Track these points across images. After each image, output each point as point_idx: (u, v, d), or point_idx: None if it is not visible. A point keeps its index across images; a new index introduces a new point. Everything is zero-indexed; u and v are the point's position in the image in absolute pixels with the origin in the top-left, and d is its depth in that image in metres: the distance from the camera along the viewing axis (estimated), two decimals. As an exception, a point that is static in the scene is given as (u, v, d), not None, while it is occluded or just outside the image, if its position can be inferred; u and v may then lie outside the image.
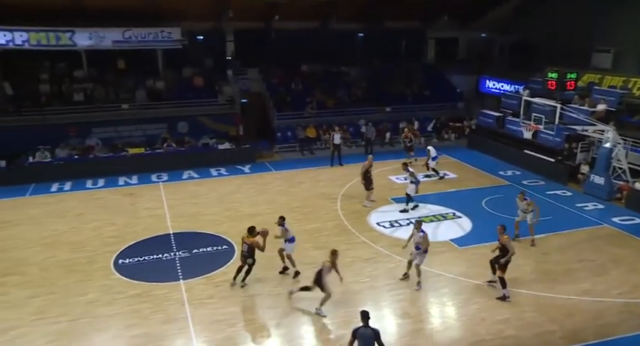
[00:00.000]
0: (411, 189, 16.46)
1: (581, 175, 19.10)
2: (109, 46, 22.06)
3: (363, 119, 25.27)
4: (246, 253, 11.66)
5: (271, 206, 17.04)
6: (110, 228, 15.33)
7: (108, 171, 20.14)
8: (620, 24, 23.57)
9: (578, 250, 13.68)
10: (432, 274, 12.49)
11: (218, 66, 26.22)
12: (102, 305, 11.12)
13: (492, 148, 23.32)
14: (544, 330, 10.28)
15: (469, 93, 29.24)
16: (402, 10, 26.95)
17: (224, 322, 10.59)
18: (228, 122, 23.78)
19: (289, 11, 24.63)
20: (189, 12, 23.89)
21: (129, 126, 22.52)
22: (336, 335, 10.23)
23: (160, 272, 12.58)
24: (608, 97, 20.40)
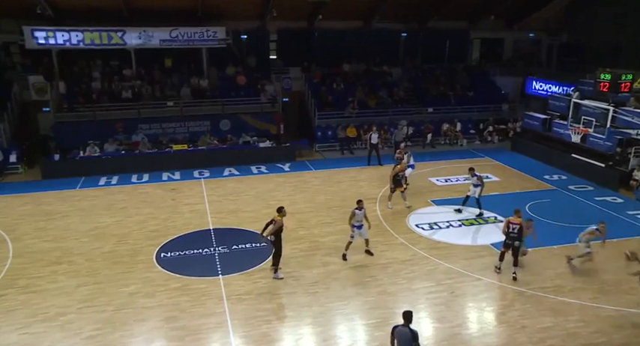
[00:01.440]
0: (474, 191, 15.87)
1: (634, 181, 18.23)
2: (157, 45, 22.84)
3: (405, 120, 25.04)
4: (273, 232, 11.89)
5: (310, 204, 17.11)
6: (153, 221, 15.77)
7: (152, 167, 20.72)
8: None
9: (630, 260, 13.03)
10: (471, 278, 12.23)
11: (261, 65, 26.55)
12: (143, 297, 11.45)
13: (538, 152, 22.58)
14: (590, 342, 9.87)
15: (514, 94, 28.48)
16: (447, 9, 26.55)
17: (261, 318, 10.70)
18: (270, 120, 24.04)
19: (333, 11, 24.69)
20: (234, 11, 24.36)
21: (173, 123, 23.13)
22: (371, 336, 10.16)
23: (199, 266, 12.84)
24: (665, 100, 19.41)
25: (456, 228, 15.22)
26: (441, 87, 27.46)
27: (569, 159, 20.72)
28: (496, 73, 29.06)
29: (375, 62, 27.95)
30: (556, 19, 29.05)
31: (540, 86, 26.84)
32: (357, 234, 13.10)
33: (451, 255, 13.38)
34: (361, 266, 12.84)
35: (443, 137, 25.40)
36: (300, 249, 13.81)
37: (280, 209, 12.04)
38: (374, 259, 13.19)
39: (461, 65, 29.35)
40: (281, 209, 12.04)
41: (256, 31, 26.58)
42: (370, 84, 26.91)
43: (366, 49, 27.48)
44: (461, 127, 25.62)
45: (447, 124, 25.56)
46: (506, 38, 30.73)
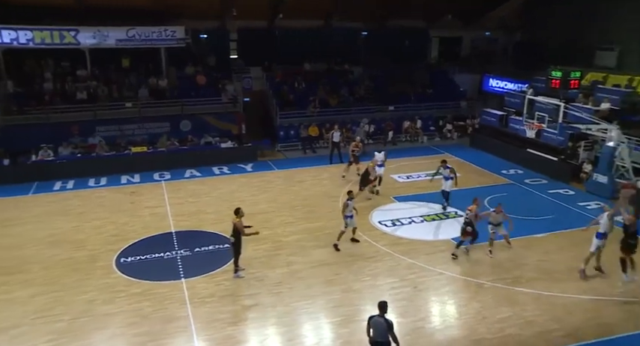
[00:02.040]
0: (447, 185, 16.37)
1: (584, 174, 19.02)
2: (113, 45, 22.19)
3: (366, 118, 25.30)
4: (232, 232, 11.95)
5: (272, 204, 17.07)
6: (112, 226, 15.37)
7: (110, 170, 20.19)
8: (624, 22, 23.50)
9: (580, 249, 13.51)
10: (433, 273, 12.48)
11: (221, 64, 26.25)
12: (103, 304, 11.16)
13: (495, 147, 23.25)
14: (545, 329, 10.25)
15: (472, 92, 29.20)
16: (406, 8, 26.93)
17: (224, 320, 10.61)
18: (231, 120, 23.82)
19: (293, 10, 24.66)
20: (193, 11, 23.98)
21: (132, 124, 22.57)
22: (337, 334, 10.23)
23: (161, 270, 12.61)
24: (611, 96, 20.35)
25: (418, 223, 15.49)
26: (401, 85, 27.84)
27: (525, 153, 21.44)
28: (454, 71, 29.73)
29: (336, 61, 28.10)
30: (511, 18, 29.93)
31: (497, 83, 27.64)
32: (349, 224, 13.69)
33: (413, 251, 13.62)
34: (325, 265, 12.90)
35: (404, 134, 25.83)
36: (264, 249, 13.76)
37: (237, 210, 12.03)
38: (338, 257, 13.29)
39: (420, 63, 29.85)
40: (238, 210, 12.03)
41: (216, 30, 26.28)
42: (331, 83, 27.04)
43: (327, 48, 27.59)
44: (421, 124, 26.08)
45: (407, 122, 25.99)
46: (464, 37, 31.45)
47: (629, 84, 21.20)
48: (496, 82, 27.65)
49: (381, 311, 8.29)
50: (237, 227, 11.87)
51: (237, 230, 11.89)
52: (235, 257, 12.25)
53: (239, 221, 11.89)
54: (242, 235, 11.93)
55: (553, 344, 9.82)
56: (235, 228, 11.90)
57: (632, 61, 23.28)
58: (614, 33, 24.03)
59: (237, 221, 11.89)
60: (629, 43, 23.51)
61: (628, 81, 21.31)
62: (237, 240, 12.00)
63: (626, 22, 23.44)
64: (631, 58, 23.42)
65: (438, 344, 9.96)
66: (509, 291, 11.62)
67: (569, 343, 9.82)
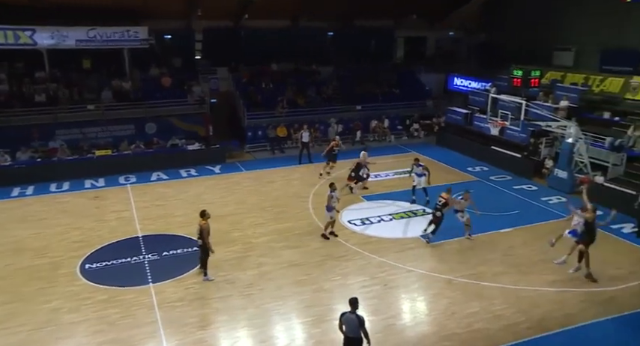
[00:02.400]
0: (419, 181, 16.85)
1: (546, 170, 19.60)
2: (73, 46, 21.50)
3: (334, 118, 25.39)
4: (198, 234, 11.88)
5: (242, 206, 16.93)
6: (75, 232, 14.92)
7: (73, 174, 19.60)
8: (579, 24, 24.36)
9: (544, 243, 13.98)
10: (402, 270, 12.62)
11: (187, 65, 25.86)
12: (67, 313, 10.82)
13: (461, 145, 23.71)
14: (512, 322, 10.51)
15: (437, 91, 29.69)
16: (372, 9, 27.16)
17: (195, 324, 10.46)
18: (198, 122, 23.50)
19: (259, 10, 24.52)
20: (156, 10, 23.51)
21: (95, 127, 21.97)
22: (309, 334, 10.23)
23: (128, 276, 12.32)
24: (569, 94, 21.04)
25: (387, 222, 15.64)
26: (368, 84, 28.07)
27: (489, 151, 21.94)
28: (420, 71, 30.14)
29: (303, 61, 28.09)
30: (472, 20, 30.59)
31: (461, 82, 28.19)
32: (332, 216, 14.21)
33: (383, 249, 13.74)
34: (295, 265, 12.88)
35: (371, 134, 26.03)
36: (234, 251, 13.63)
37: (203, 213, 11.92)
38: (308, 257, 13.28)
39: (387, 63, 30.16)
40: (204, 213, 11.93)
41: (181, 30, 25.84)
42: (299, 83, 27.02)
43: (294, 48, 27.54)
44: (388, 124, 26.35)
45: (375, 121, 26.22)
46: (428, 37, 31.93)
47: (585, 82, 21.98)
48: (460, 81, 28.20)
49: (352, 307, 8.37)
50: (203, 230, 11.72)
51: (201, 232, 11.77)
52: (203, 260, 12.12)
53: (205, 223, 11.78)
54: (205, 239, 11.79)
55: (520, 336, 10.07)
56: (201, 230, 11.76)
57: (587, 60, 24.16)
58: (570, 34, 24.89)
59: (203, 223, 11.77)
60: (584, 44, 24.38)
61: (584, 79, 22.09)
62: (205, 242, 11.86)
63: (581, 23, 24.32)
64: (586, 57, 24.29)
65: (408, 340, 10.07)
66: (477, 286, 11.87)
67: (535, 334, 10.10)
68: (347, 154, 22.87)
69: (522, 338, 9.99)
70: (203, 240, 11.82)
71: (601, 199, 16.77)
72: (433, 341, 10.00)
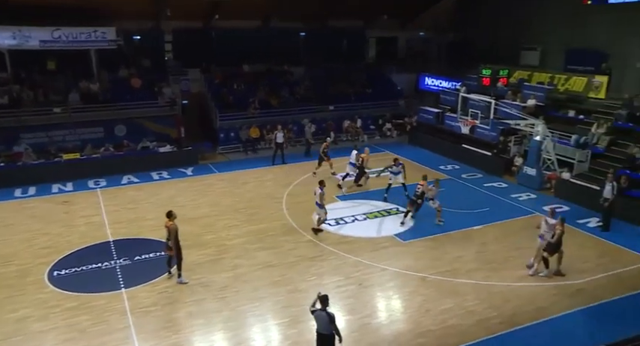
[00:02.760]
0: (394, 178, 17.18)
1: (515, 167, 20.04)
2: (37, 46, 20.86)
3: (307, 118, 25.38)
4: (167, 235, 11.77)
5: (215, 208, 16.76)
6: (43, 238, 14.51)
7: (40, 179, 19.04)
8: (544, 24, 25.03)
9: (514, 239, 14.34)
10: (377, 269, 12.71)
11: (157, 66, 25.45)
12: (35, 321, 10.51)
13: (432, 144, 24.02)
14: (484, 317, 10.70)
15: (409, 90, 30.00)
16: (344, 9, 27.27)
17: (169, 329, 10.31)
18: (169, 124, 23.14)
19: (230, 10, 24.30)
20: (124, 11, 23.05)
21: (62, 130, 21.38)
22: (285, 335, 10.20)
23: (99, 282, 12.05)
24: (536, 93, 21.57)
25: (361, 221, 15.72)
26: (340, 85, 28.17)
27: (460, 149, 22.30)
28: (392, 71, 30.39)
29: (275, 62, 28.00)
30: (442, 20, 31.04)
31: (432, 82, 28.56)
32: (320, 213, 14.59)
33: (358, 248, 13.81)
34: (270, 267, 12.83)
35: (344, 134, 26.13)
36: (208, 254, 13.50)
37: (170, 213, 11.84)
38: (283, 258, 13.24)
39: (359, 63, 30.33)
40: (171, 213, 11.84)
41: (150, 31, 25.41)
42: (272, 83, 26.92)
43: (266, 49, 27.41)
44: (361, 123, 26.51)
45: (347, 121, 26.33)
46: (399, 37, 32.25)
47: (551, 81, 22.57)
48: (431, 81, 28.57)
49: (323, 304, 8.44)
50: (171, 230, 11.62)
51: (169, 233, 11.66)
52: (178, 262, 11.95)
53: (172, 224, 11.68)
54: (173, 239, 11.68)
55: (492, 331, 10.26)
56: (169, 231, 11.65)
57: (552, 60, 24.83)
58: (536, 34, 25.54)
59: (170, 224, 11.67)
60: (549, 44, 25.05)
61: (550, 78, 22.69)
62: (177, 243, 11.73)
63: (545, 24, 24.98)
64: (551, 57, 24.98)
65: (384, 338, 10.15)
66: (450, 283, 12.05)
67: (507, 329, 10.31)
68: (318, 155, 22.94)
69: (495, 332, 10.19)
70: (175, 240, 11.68)
71: (568, 195, 17.38)
72: (408, 338, 10.10)
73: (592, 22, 22.75)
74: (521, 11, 25.97)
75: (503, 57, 25.51)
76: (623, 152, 18.04)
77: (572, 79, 21.80)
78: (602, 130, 19.17)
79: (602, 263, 12.95)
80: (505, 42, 26.46)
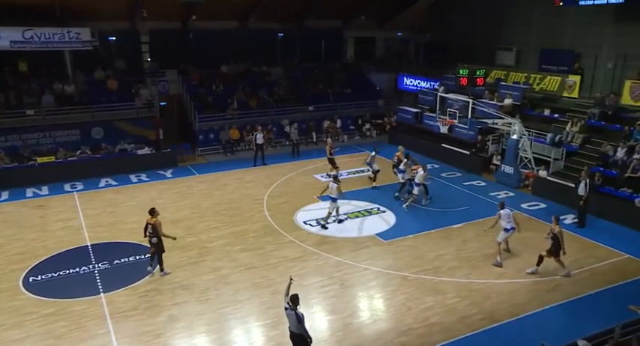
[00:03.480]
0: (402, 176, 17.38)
1: (494, 166, 20.34)
2: (7, 47, 20.32)
3: (287, 119, 25.34)
4: (151, 232, 11.97)
5: (196, 210, 16.60)
6: (17, 244, 14.16)
7: (13, 183, 18.60)
8: (519, 24, 25.47)
9: (493, 236, 14.45)
10: (359, 269, 12.75)
11: (133, 68, 25.07)
12: (9, 329, 10.24)
13: (412, 143, 24.08)
14: (465, 314, 10.83)
15: (388, 90, 30.18)
16: (321, 9, 27.30)
17: (150, 333, 10.17)
18: (147, 126, 22.82)
19: (207, 11, 24.09)
20: (98, 11, 22.62)
21: (36, 133, 20.89)
22: (268, 336, 10.15)
23: (77, 287, 11.83)
24: (513, 92, 21.89)
25: (343, 221, 15.72)
26: (319, 85, 28.19)
27: (440, 148, 22.52)
28: (370, 71, 30.54)
29: (254, 62, 27.87)
30: (419, 20, 31.33)
31: (411, 82, 28.77)
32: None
33: (339, 248, 13.83)
34: (252, 268, 12.76)
35: (324, 134, 26.14)
36: (189, 256, 13.36)
37: (152, 210, 12.08)
38: (264, 259, 13.19)
39: (337, 63, 30.39)
40: (153, 210, 12.08)
41: (126, 32, 25.02)
42: (250, 84, 26.77)
43: (244, 50, 27.27)
44: (341, 124, 26.56)
45: (327, 121, 26.35)
46: (377, 37, 32.40)
47: (526, 81, 22.96)
48: (410, 81, 28.78)
49: (293, 304, 8.53)
50: (156, 226, 11.87)
51: (156, 229, 11.89)
52: (159, 257, 12.16)
53: (157, 220, 11.92)
54: (160, 235, 11.98)
55: (473, 327, 10.39)
56: (154, 228, 11.87)
57: (527, 59, 25.27)
58: (511, 34, 25.96)
59: (155, 221, 11.88)
60: (524, 44, 25.50)
61: (525, 78, 23.07)
62: (159, 239, 11.96)
63: (520, 24, 25.42)
64: (526, 57, 25.42)
65: (367, 338, 10.18)
66: (431, 281, 12.16)
67: (487, 325, 10.45)
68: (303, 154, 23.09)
69: (476, 329, 10.32)
70: (159, 236, 11.91)
71: (545, 192, 17.70)
72: (391, 337, 10.15)
73: (564, 23, 23.22)
74: (496, 12, 26.37)
75: (479, 57, 25.85)
76: (596, 150, 18.45)
77: (547, 79, 22.20)
78: (576, 129, 19.58)
79: (579, 259, 13.23)
80: (481, 42, 26.82)
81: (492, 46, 26.45)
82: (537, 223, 15.52)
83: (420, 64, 31.59)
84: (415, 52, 32.98)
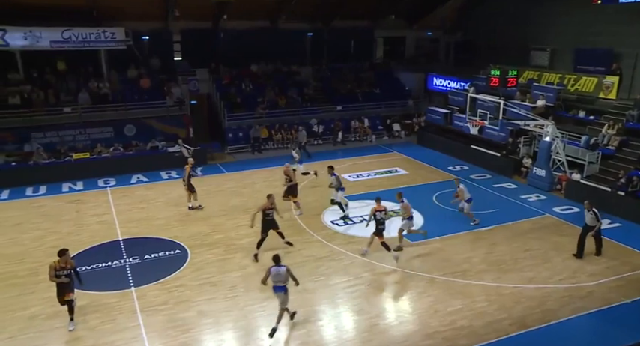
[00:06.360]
0: (338, 195, 15.84)
1: (525, 168, 19.93)
2: (47, 47, 21.03)
3: (315, 118, 25.41)
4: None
5: (224, 208, 16.81)
6: (54, 236, 14.64)
7: (50, 178, 19.25)
8: (555, 24, 24.84)
9: (524, 240, 14.26)
10: (386, 270, 12.69)
11: (165, 67, 25.57)
12: (46, 319, 10.61)
13: (441, 144, 23.94)
14: (494, 319, 10.64)
15: (417, 90, 29.92)
16: (351, 9, 27.26)
17: (179, 328, 10.36)
18: (178, 124, 23.25)
19: (237, 10, 24.36)
20: (133, 11, 23.19)
21: (72, 130, 21.57)
22: (293, 335, 10.20)
23: (109, 280, 12.15)
24: (546, 93, 21.41)
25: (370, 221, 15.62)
26: (348, 85, 28.16)
27: (469, 150, 22.20)
28: (400, 71, 30.35)
29: (283, 62, 28.03)
30: (450, 20, 30.93)
31: (440, 82, 28.42)
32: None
33: (366, 248, 13.77)
34: (280, 267, 12.82)
35: (352, 134, 26.11)
36: (217, 253, 13.55)
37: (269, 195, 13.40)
38: (291, 258, 13.21)
39: (366, 63, 30.29)
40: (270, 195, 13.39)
41: (159, 31, 25.53)
42: (279, 84, 26.95)
43: (274, 49, 27.45)
44: (369, 124, 26.48)
45: (355, 121, 26.30)
46: (407, 37, 32.18)
47: (560, 82, 22.41)
48: (440, 81, 28.43)
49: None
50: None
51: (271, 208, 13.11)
52: None
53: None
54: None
55: (502, 332, 10.20)
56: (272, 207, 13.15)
57: (562, 60, 24.66)
58: (545, 34, 25.36)
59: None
60: (558, 44, 24.88)
61: (560, 79, 22.53)
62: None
63: (555, 23, 24.80)
64: (561, 57, 24.80)
65: (393, 339, 10.12)
66: (459, 284, 12.00)
67: (517, 331, 10.25)
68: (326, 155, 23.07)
69: (505, 334, 10.13)
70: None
71: (578, 196, 17.23)
72: (417, 339, 10.07)
73: (602, 21, 22.54)
74: (529, 11, 25.81)
75: (511, 57, 25.34)
76: (634, 153, 17.88)
77: (582, 80, 21.62)
78: (612, 131, 19.02)
79: (613, 266, 12.84)
80: (513, 42, 26.29)
81: (525, 46, 25.92)
82: (569, 227, 15.14)
83: (449, 64, 31.20)
84: (445, 52, 32.59)
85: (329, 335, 10.22)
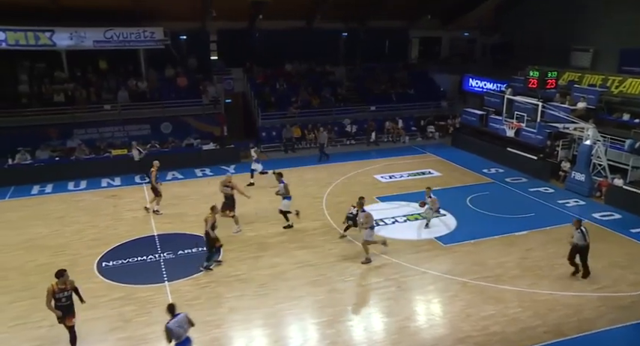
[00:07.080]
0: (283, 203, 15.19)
1: (563, 172, 19.36)
2: (90, 46, 21.77)
3: (348, 118, 25.38)
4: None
5: (257, 206, 16.96)
6: (92, 230, 15.12)
7: (90, 173, 19.90)
8: (598, 24, 24.04)
9: (560, 246, 13.82)
10: (417, 272, 12.56)
11: (202, 66, 26.04)
12: (84, 309, 10.86)
13: (476, 146, 23.52)
14: (528, 326, 10.39)
15: (453, 91, 29.51)
16: (386, 9, 27.10)
17: (210, 323, 10.52)
18: (213, 122, 23.66)
19: (273, 10, 24.58)
20: (171, 11, 23.75)
21: (111, 127, 22.26)
22: (323, 334, 10.22)
23: (144, 274, 12.45)
24: (587, 95, 20.76)
25: (401, 223, 15.57)
26: (382, 85, 28.00)
27: (505, 152, 21.73)
28: (435, 71, 29.98)
29: (317, 62, 28.11)
30: (488, 20, 30.37)
31: (476, 83, 27.97)
32: None
33: (398, 250, 13.67)
34: (309, 266, 12.88)
35: (386, 134, 25.95)
36: (248, 250, 13.70)
37: (213, 207, 12.77)
38: (322, 258, 13.29)
39: (400, 63, 30.05)
40: (214, 207, 12.80)
41: (196, 31, 26.04)
42: (313, 83, 27.04)
43: (308, 49, 27.58)
44: (402, 124, 26.26)
45: (389, 122, 26.13)
46: (442, 37, 31.77)
47: (603, 83, 21.68)
48: (476, 82, 27.97)
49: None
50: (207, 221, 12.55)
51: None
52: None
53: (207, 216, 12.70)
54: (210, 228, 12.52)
55: (536, 340, 9.95)
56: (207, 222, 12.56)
57: (606, 61, 23.83)
58: (588, 34, 24.58)
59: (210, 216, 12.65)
60: (602, 44, 24.06)
61: (602, 80, 21.79)
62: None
63: (599, 23, 23.99)
64: (605, 58, 23.98)
65: (423, 342, 10.01)
66: (492, 289, 11.76)
67: (552, 339, 9.97)
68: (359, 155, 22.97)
69: (540, 342, 9.87)
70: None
71: (620, 202, 16.62)
72: (448, 343, 9.93)
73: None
74: (570, 10, 25.08)
75: (551, 58, 24.67)
76: (681, 158, 17.13)
77: (628, 81, 20.84)
78: (658, 135, 18.28)
79: (656, 275, 12.35)
80: (553, 42, 25.62)
81: (566, 46, 25.20)
82: (609, 234, 14.65)
83: (486, 65, 30.64)
84: (482, 53, 32.02)
85: (358, 336, 10.19)
